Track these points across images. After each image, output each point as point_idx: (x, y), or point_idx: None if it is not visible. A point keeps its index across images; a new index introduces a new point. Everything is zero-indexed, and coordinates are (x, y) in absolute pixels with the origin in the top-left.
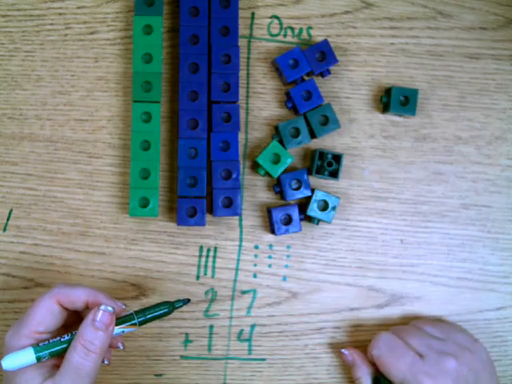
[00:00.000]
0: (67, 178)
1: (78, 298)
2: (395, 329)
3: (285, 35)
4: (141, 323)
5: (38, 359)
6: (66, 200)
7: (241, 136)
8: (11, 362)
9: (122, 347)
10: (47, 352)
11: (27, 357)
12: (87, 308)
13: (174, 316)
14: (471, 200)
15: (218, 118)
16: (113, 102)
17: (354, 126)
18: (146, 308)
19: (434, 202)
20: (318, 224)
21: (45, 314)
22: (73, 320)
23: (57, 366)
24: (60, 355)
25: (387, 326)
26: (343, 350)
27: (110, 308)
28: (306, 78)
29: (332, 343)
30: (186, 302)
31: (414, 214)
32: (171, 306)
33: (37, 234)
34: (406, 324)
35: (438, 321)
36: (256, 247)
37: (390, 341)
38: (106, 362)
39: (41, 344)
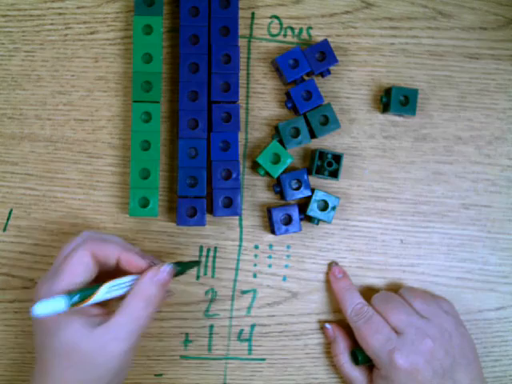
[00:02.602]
0: (67, 178)
1: (111, 252)
2: (382, 296)
3: (285, 35)
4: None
5: (70, 303)
6: (66, 200)
7: (241, 136)
8: (43, 308)
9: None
10: (78, 295)
11: (58, 302)
12: (115, 267)
13: (173, 316)
14: (471, 200)
15: (218, 118)
16: (113, 102)
17: (354, 126)
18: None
19: (434, 202)
20: (318, 224)
21: (79, 271)
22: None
23: (100, 315)
24: (89, 298)
25: None
26: (327, 325)
27: (168, 267)
28: (306, 77)
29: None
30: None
31: (413, 213)
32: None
33: (37, 234)
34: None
35: (430, 295)
36: (256, 247)
37: (389, 296)
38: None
39: (74, 298)
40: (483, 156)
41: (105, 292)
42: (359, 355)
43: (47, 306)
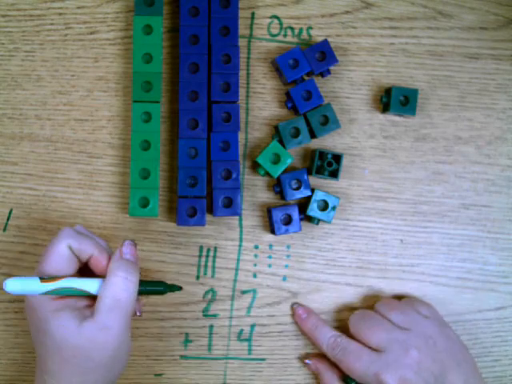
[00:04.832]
0: (67, 178)
1: (85, 247)
2: (358, 317)
3: (285, 35)
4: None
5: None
6: (66, 200)
7: (241, 136)
8: (15, 284)
9: (139, 313)
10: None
11: (33, 283)
12: (85, 263)
13: (173, 316)
14: (471, 200)
15: (218, 118)
16: (113, 101)
17: (354, 126)
18: (144, 281)
19: (434, 202)
20: (317, 224)
21: (57, 262)
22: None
23: (88, 307)
24: (54, 280)
25: None
26: (307, 361)
27: (129, 241)
28: (306, 77)
29: None
30: (179, 289)
31: (413, 213)
32: (166, 288)
33: (37, 234)
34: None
35: (406, 304)
36: (256, 247)
37: (365, 315)
38: (138, 314)
39: (46, 276)
40: (483, 156)
41: (69, 282)
42: (351, 382)
43: (20, 283)
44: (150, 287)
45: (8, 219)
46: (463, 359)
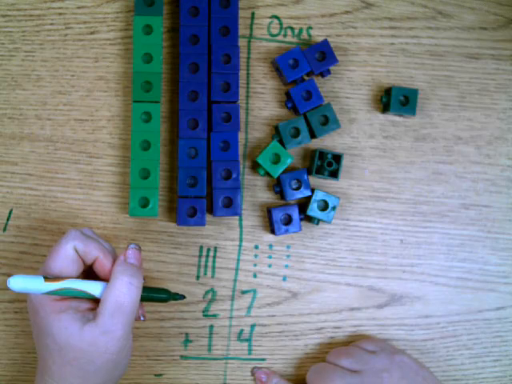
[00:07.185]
0: (67, 178)
1: (91, 250)
2: (313, 372)
3: (285, 35)
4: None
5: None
6: (66, 200)
7: (241, 136)
8: (18, 282)
9: (143, 318)
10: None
11: (36, 282)
12: (90, 265)
13: (173, 316)
14: (471, 200)
15: (218, 118)
16: (113, 101)
17: (354, 126)
18: (147, 288)
19: (434, 202)
20: (317, 224)
21: (64, 263)
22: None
23: (91, 310)
24: (56, 280)
25: (387, 326)
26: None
27: (134, 245)
28: (306, 77)
29: (332, 343)
30: (182, 297)
31: (414, 213)
32: (170, 296)
33: (37, 234)
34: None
35: (352, 345)
36: (256, 247)
37: (318, 368)
38: (142, 319)
39: (50, 276)
40: (483, 156)
41: (72, 283)
42: None
43: (23, 280)
44: (152, 294)
45: (8, 219)
46: (423, 380)
